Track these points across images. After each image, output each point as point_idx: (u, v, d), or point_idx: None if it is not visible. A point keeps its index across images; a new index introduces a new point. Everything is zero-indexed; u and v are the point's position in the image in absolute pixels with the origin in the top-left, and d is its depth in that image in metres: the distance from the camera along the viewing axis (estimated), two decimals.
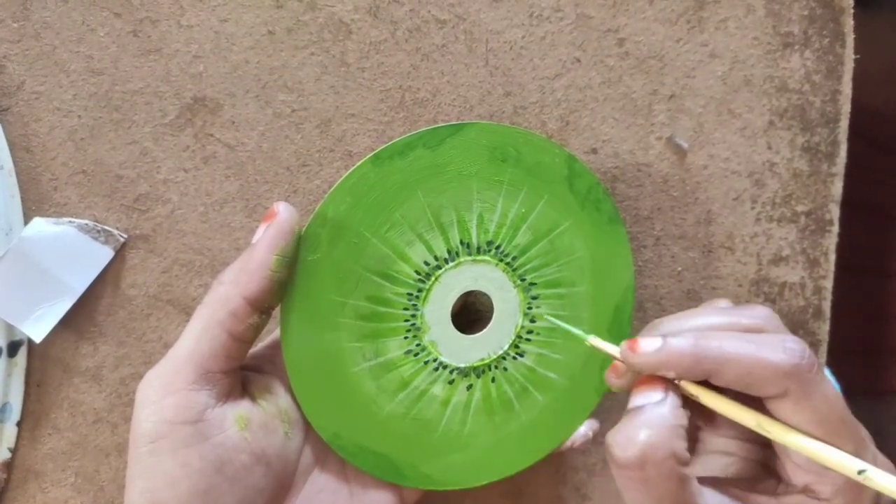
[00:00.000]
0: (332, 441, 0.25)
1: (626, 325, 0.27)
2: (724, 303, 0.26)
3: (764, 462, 0.25)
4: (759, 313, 0.23)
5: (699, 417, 0.25)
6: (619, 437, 0.21)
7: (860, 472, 0.20)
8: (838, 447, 0.21)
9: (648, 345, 0.22)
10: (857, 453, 0.21)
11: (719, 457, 0.26)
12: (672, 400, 0.22)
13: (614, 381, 0.23)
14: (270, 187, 0.29)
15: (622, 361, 0.23)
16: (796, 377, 0.21)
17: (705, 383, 0.22)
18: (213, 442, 0.23)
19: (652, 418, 0.21)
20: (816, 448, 0.21)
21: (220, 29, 0.28)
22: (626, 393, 0.23)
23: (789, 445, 0.21)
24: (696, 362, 0.21)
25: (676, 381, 0.22)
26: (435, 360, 0.26)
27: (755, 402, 0.22)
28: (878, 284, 0.65)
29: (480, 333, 0.26)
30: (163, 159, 0.28)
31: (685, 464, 0.21)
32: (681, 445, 0.21)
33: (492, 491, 0.30)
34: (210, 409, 0.23)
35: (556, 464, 0.31)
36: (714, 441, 0.27)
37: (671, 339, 0.22)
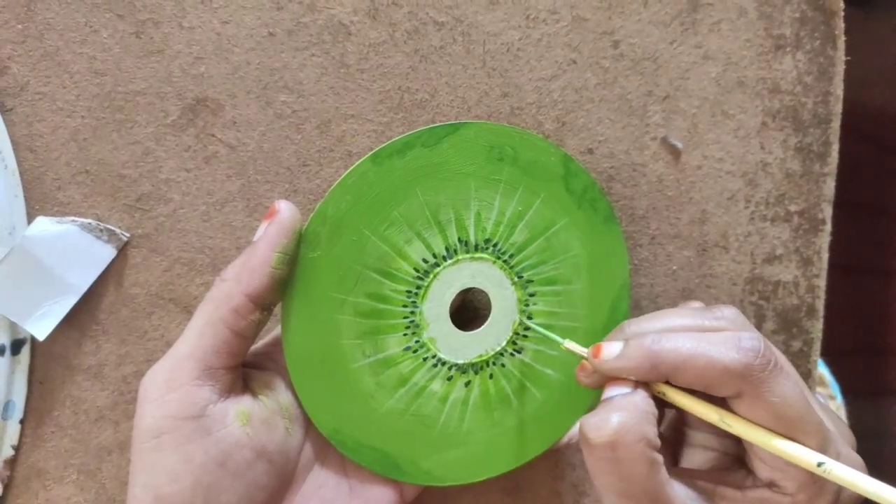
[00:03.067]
0: (333, 437, 0.26)
1: (622, 321, 0.28)
2: (696, 304, 0.26)
3: (738, 456, 0.25)
4: (724, 313, 0.24)
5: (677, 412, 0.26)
6: (592, 420, 0.22)
7: (819, 465, 0.21)
8: (800, 443, 0.21)
9: (609, 350, 0.23)
10: (821, 448, 0.21)
11: (701, 451, 0.27)
12: (642, 391, 0.22)
13: (583, 379, 0.24)
14: (271, 187, 0.29)
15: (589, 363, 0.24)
16: (748, 378, 0.21)
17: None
18: (215, 437, 0.23)
19: (624, 404, 0.22)
20: (775, 443, 0.21)
21: (222, 30, 0.28)
22: None
23: (749, 440, 0.22)
24: (653, 367, 0.22)
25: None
26: (434, 357, 0.26)
27: (721, 400, 0.22)
28: (878, 284, 0.65)
29: (478, 330, 0.26)
30: (165, 159, 0.29)
31: (655, 448, 0.22)
32: (651, 430, 0.21)
33: (490, 487, 0.31)
34: (212, 405, 0.23)
35: (554, 460, 0.31)
36: (695, 435, 0.27)
37: (631, 343, 0.22)
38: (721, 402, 0.22)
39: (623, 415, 0.21)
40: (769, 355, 0.21)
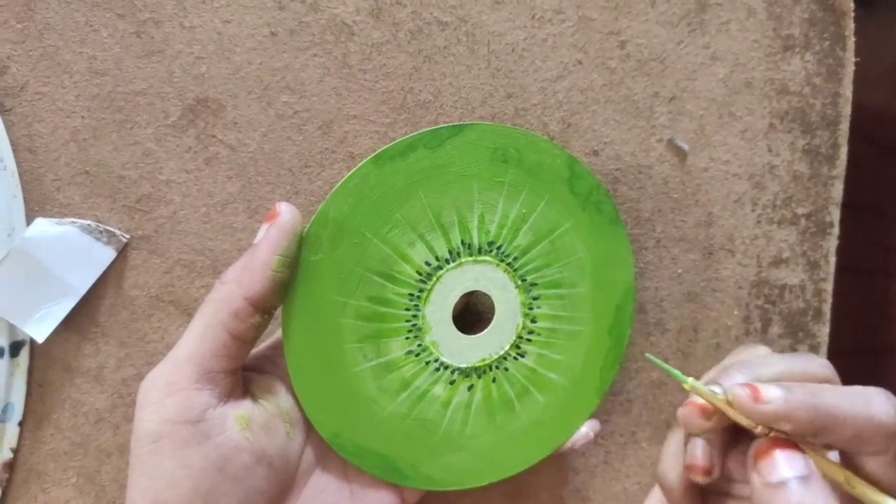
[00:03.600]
0: (333, 441, 0.25)
1: (627, 325, 0.27)
2: (763, 349, 0.24)
3: None
4: (823, 363, 0.22)
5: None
6: None
7: None
8: None
9: (773, 393, 0.20)
10: None
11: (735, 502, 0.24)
12: (819, 477, 0.20)
13: (699, 421, 0.21)
14: (272, 188, 0.29)
15: (730, 406, 0.21)
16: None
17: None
18: (214, 442, 0.23)
19: (811, 499, 0.19)
20: None
21: (223, 30, 0.28)
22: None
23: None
24: (812, 420, 0.20)
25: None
26: (436, 361, 0.26)
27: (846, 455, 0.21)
28: (880, 285, 0.65)
29: (481, 334, 0.26)
30: (165, 160, 0.29)
31: None
32: None
33: (493, 491, 0.30)
34: (212, 409, 0.23)
35: (557, 464, 0.31)
36: (733, 486, 0.24)
37: (794, 390, 0.20)
38: (843, 458, 0.21)
39: None
40: None
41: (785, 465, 0.19)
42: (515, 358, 0.26)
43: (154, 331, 0.29)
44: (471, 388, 0.26)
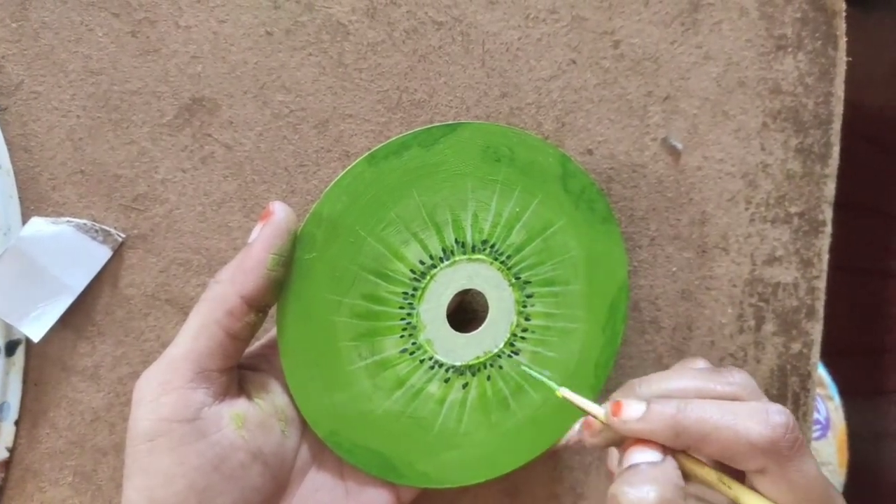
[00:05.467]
0: (329, 439, 0.25)
1: (621, 323, 0.27)
2: (701, 363, 0.25)
3: None
4: (735, 378, 0.22)
5: None
6: (629, 494, 0.20)
7: None
8: None
9: (633, 410, 0.21)
10: None
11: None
12: (672, 461, 0.21)
13: (589, 439, 0.23)
14: (268, 187, 0.29)
15: (601, 421, 0.22)
16: (774, 456, 0.20)
17: None
18: (209, 440, 0.23)
19: (657, 476, 0.20)
20: None
21: (219, 30, 0.28)
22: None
23: None
24: (676, 435, 0.21)
25: None
26: (431, 359, 0.26)
27: (740, 472, 0.22)
28: (878, 285, 0.65)
29: (476, 332, 0.26)
30: (161, 159, 0.29)
31: None
32: None
33: (488, 489, 0.30)
34: (207, 408, 0.23)
35: (552, 462, 0.31)
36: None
37: (654, 406, 0.21)
38: (738, 475, 0.22)
39: (660, 490, 0.20)
40: (797, 431, 0.20)
41: (639, 454, 0.21)
42: (510, 355, 0.26)
43: (150, 329, 0.29)
44: (465, 385, 0.26)
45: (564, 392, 0.24)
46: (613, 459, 0.27)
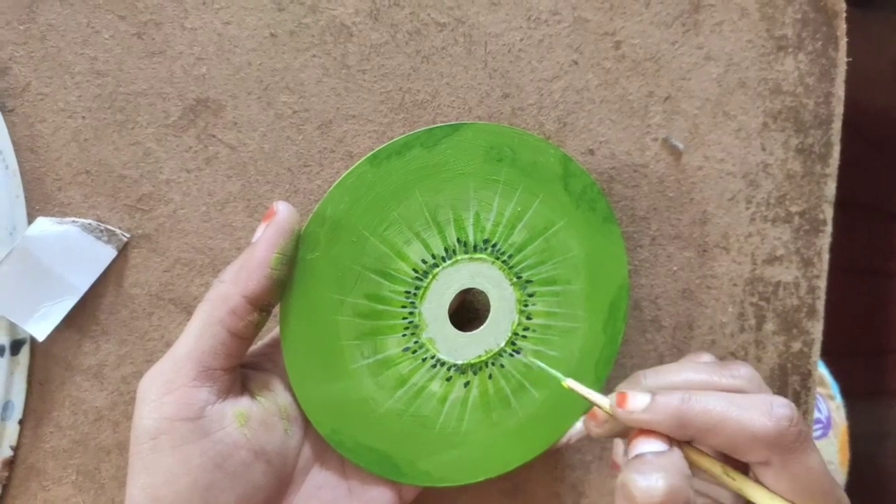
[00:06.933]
0: (331, 438, 0.26)
1: (621, 322, 0.28)
2: (706, 357, 0.25)
3: None
4: (741, 372, 0.23)
5: None
6: (639, 482, 0.20)
7: None
8: None
9: (638, 401, 0.22)
10: None
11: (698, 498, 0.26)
12: (678, 450, 0.21)
13: (594, 429, 0.23)
14: (272, 187, 0.29)
15: (606, 411, 0.23)
16: (778, 448, 0.20)
17: None
18: (213, 438, 0.23)
19: (666, 465, 0.21)
20: None
21: (223, 31, 0.28)
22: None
23: (755, 501, 0.21)
24: (680, 426, 0.21)
25: None
26: (433, 358, 0.26)
27: (744, 465, 0.22)
28: (879, 285, 0.65)
29: (477, 331, 0.26)
30: (165, 160, 0.29)
31: None
32: (692, 494, 0.21)
33: (489, 487, 0.31)
34: (210, 406, 0.23)
35: (553, 460, 0.31)
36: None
37: (659, 397, 0.22)
38: (742, 467, 0.22)
39: (670, 478, 0.20)
40: (801, 424, 0.21)
41: (644, 444, 0.22)
42: (511, 354, 0.27)
43: (154, 329, 0.30)
44: (467, 384, 0.26)
45: (571, 383, 0.24)
46: (619, 452, 0.27)
